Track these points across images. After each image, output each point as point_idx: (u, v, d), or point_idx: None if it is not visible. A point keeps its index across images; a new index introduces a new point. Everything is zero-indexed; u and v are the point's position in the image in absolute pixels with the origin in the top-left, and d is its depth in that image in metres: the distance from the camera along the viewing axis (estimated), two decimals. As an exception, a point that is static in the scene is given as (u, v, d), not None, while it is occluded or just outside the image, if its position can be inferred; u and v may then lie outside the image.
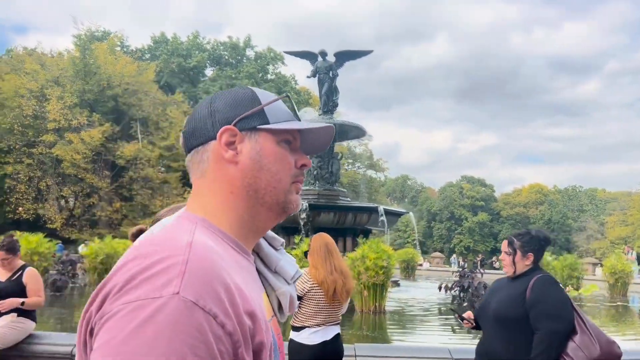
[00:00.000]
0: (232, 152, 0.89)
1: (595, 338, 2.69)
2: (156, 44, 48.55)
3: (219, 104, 0.92)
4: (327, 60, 17.43)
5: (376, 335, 7.61)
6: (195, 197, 0.91)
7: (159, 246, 0.74)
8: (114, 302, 0.68)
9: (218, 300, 0.69)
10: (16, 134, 31.77)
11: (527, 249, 3.00)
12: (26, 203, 31.11)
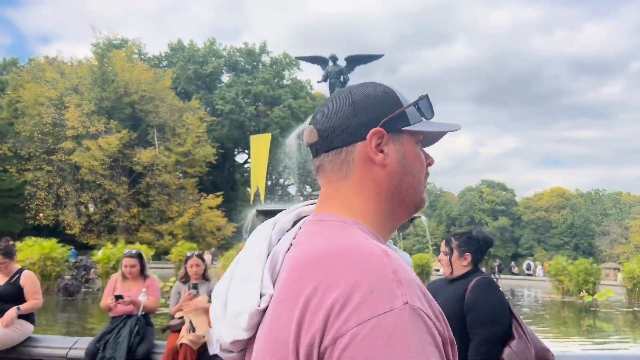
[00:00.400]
0: (382, 155, 0.87)
1: (532, 344, 2.61)
2: (173, 51, 49.15)
3: (363, 103, 0.89)
4: (338, 64, 17.35)
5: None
6: (336, 199, 0.89)
7: (359, 256, 0.73)
8: (346, 323, 0.67)
9: (427, 302, 0.72)
10: (36, 141, 32.40)
11: (465, 249, 2.89)
12: (46, 209, 31.66)
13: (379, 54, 17.80)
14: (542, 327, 9.71)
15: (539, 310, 12.48)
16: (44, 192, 31.77)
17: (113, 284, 5.10)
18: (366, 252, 0.74)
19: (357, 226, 0.84)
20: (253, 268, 0.85)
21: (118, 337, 4.62)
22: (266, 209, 16.51)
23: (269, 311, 0.78)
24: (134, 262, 5.00)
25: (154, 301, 4.98)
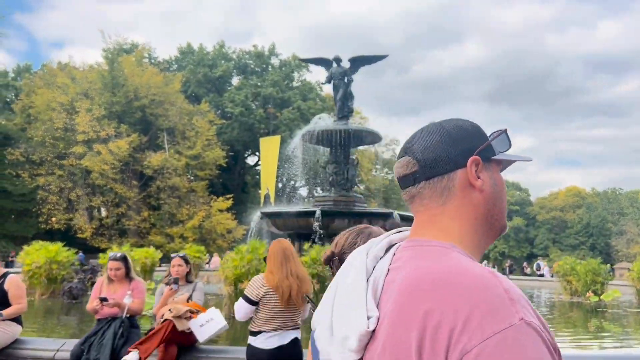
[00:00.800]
0: (481, 181, 0.95)
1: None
2: (182, 55, 49.49)
3: (459, 135, 0.98)
4: (342, 66, 17.33)
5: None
6: (432, 224, 0.96)
7: (471, 278, 0.79)
8: (471, 340, 0.72)
9: (536, 316, 0.77)
10: (47, 146, 32.83)
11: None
12: (58, 213, 32.04)
13: (383, 55, 17.72)
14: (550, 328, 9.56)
15: (545, 311, 12.30)
16: (55, 197, 32.15)
17: (99, 287, 5.12)
18: (476, 273, 0.79)
19: (456, 250, 0.90)
20: (355, 294, 0.91)
21: (102, 339, 4.66)
22: (270, 211, 16.55)
23: (381, 332, 0.84)
24: (118, 265, 5.02)
25: (139, 303, 5.01)
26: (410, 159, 0.97)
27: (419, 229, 0.97)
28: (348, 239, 1.79)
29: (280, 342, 3.62)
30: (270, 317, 3.65)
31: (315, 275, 10.65)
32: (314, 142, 17.11)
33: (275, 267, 3.70)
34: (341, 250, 1.75)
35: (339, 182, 16.67)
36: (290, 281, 3.63)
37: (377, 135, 17.31)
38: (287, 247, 3.83)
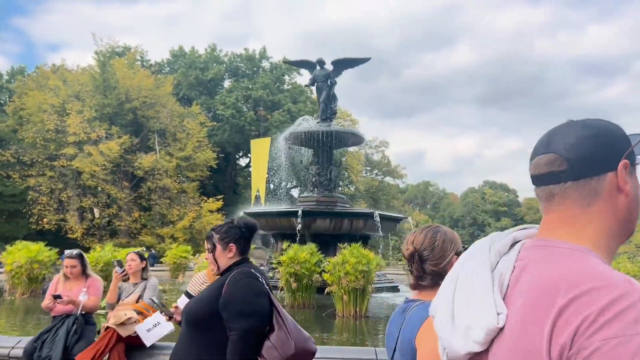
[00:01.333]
0: (629, 185, 0.94)
1: (292, 335, 2.51)
2: (175, 58, 49.77)
3: (606, 135, 0.95)
4: (325, 68, 17.74)
5: (341, 339, 7.82)
6: (571, 225, 0.95)
7: (607, 281, 0.81)
8: (591, 337, 0.76)
9: None
10: (38, 147, 33.02)
11: (227, 240, 2.69)
12: (48, 214, 32.24)
13: (366, 58, 18.13)
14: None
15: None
16: (46, 198, 32.37)
17: (55, 284, 5.16)
18: (613, 278, 0.81)
19: (592, 254, 0.90)
20: (480, 288, 0.94)
21: (55, 336, 4.68)
22: (253, 211, 16.93)
23: (510, 329, 0.87)
24: (74, 262, 5.06)
25: (95, 300, 5.04)
26: (557, 156, 0.95)
27: (550, 229, 0.96)
28: (427, 236, 1.82)
29: None
30: None
31: (292, 274, 11.04)
32: (297, 143, 17.52)
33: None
34: (421, 247, 1.79)
35: (322, 183, 17.07)
36: None
37: (359, 137, 17.74)
38: None
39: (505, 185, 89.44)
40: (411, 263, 1.83)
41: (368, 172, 60.14)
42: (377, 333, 8.48)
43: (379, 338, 7.68)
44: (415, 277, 1.83)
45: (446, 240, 1.82)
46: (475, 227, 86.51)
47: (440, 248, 1.80)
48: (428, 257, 1.79)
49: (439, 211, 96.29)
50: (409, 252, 1.84)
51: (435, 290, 1.77)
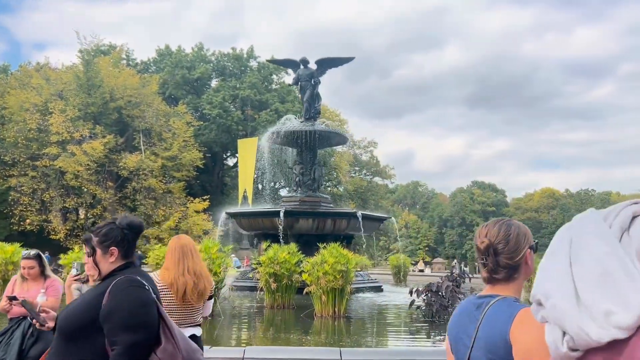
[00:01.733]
0: None
1: (180, 347, 2.32)
2: (161, 57, 49.36)
3: None
4: (309, 67, 17.63)
5: (318, 339, 7.69)
6: None
7: None
8: None
9: None
10: (20, 147, 32.51)
11: (108, 244, 2.42)
12: (30, 215, 31.74)
13: (350, 57, 18.03)
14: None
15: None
16: (27, 198, 31.85)
17: (12, 285, 5.05)
18: None
19: None
20: (618, 268, 0.88)
21: (10, 339, 4.57)
22: (235, 211, 16.77)
23: None
24: (32, 263, 4.95)
25: (53, 302, 4.86)
26: None
27: None
28: (501, 229, 1.80)
29: None
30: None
31: (272, 274, 10.89)
32: (280, 143, 17.38)
33: (171, 264, 3.61)
34: (495, 240, 1.78)
35: (306, 183, 16.96)
36: (186, 278, 3.54)
37: (343, 137, 17.66)
38: (186, 244, 3.72)
39: (494, 186, 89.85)
40: (486, 256, 1.81)
41: (357, 172, 60.12)
42: (355, 333, 8.37)
43: (353, 338, 7.56)
44: (489, 271, 1.80)
45: (520, 234, 1.81)
46: (464, 227, 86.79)
47: (515, 241, 1.79)
48: (503, 250, 1.78)
49: (428, 211, 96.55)
50: (484, 245, 1.81)
51: (509, 284, 1.78)
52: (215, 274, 9.59)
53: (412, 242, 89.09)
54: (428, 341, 7.95)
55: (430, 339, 8.15)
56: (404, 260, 21.63)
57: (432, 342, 7.88)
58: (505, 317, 1.64)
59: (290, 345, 6.65)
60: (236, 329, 8.60)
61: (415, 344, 7.59)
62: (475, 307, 1.79)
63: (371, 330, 8.87)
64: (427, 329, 8.81)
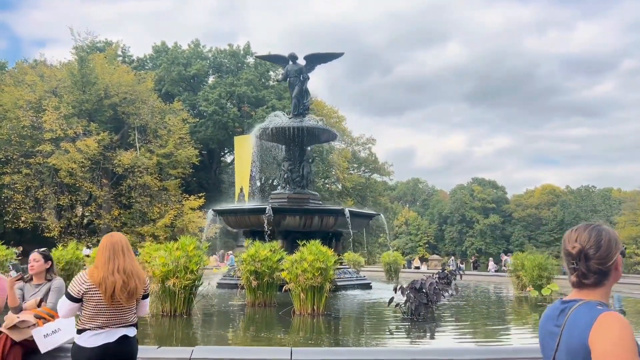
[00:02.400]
0: None
1: None
2: (157, 53, 49.18)
3: None
4: (298, 63, 17.39)
5: (295, 338, 7.53)
6: None
7: None
8: None
9: None
10: (14, 144, 32.37)
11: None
12: (24, 212, 31.63)
13: (339, 53, 17.79)
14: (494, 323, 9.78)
15: (490, 306, 12.56)
16: (21, 195, 31.73)
17: None
18: None
19: None
20: None
21: None
22: (222, 208, 16.61)
23: None
24: None
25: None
26: None
27: None
28: (592, 235, 1.83)
29: (107, 340, 3.45)
30: (95, 314, 3.46)
31: (253, 271, 10.73)
32: (268, 139, 17.19)
33: (101, 263, 3.52)
34: (587, 245, 1.81)
35: (294, 180, 16.76)
36: (115, 277, 3.45)
37: (332, 133, 17.42)
38: (118, 242, 3.63)
39: (494, 182, 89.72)
40: (577, 261, 1.84)
41: (355, 169, 59.90)
42: (328, 331, 8.20)
43: (325, 336, 7.39)
44: (579, 276, 1.84)
45: (611, 240, 1.84)
46: (464, 224, 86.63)
47: (607, 247, 1.82)
48: (594, 255, 1.81)
49: (428, 208, 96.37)
50: (576, 250, 1.84)
51: (597, 289, 1.81)
52: (192, 272, 9.46)
53: (412, 239, 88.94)
54: (403, 339, 7.80)
55: (408, 337, 7.99)
56: (395, 257, 21.49)
57: (410, 341, 7.72)
58: (585, 322, 1.68)
59: (256, 343, 6.50)
60: (205, 328, 8.45)
61: (386, 342, 7.43)
62: (559, 312, 1.84)
63: (347, 329, 8.70)
64: (406, 326, 8.66)
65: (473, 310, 11.34)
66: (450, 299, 12.26)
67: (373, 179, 59.74)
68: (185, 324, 8.57)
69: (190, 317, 9.21)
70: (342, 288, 14.71)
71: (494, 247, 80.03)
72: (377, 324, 9.52)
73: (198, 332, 8.06)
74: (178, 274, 9.27)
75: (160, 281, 9.27)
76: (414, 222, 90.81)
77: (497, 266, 34.78)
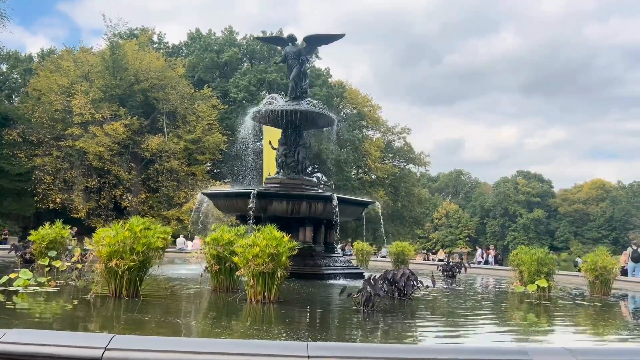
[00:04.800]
0: None
1: None
2: (192, 40, 49.74)
3: None
4: (296, 45, 16.90)
5: (223, 325, 7.17)
6: None
7: None
8: None
9: None
10: (46, 127, 33.56)
11: None
12: (53, 193, 32.81)
13: (340, 34, 17.14)
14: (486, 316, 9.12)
15: (467, 301, 11.83)
16: (51, 177, 32.91)
17: None
18: None
19: None
20: None
21: None
22: (211, 192, 16.45)
23: None
24: None
25: None
26: None
27: None
28: None
29: None
30: None
31: (215, 256, 10.44)
32: (265, 122, 16.85)
33: None
34: None
35: (288, 164, 16.34)
36: None
37: (329, 118, 16.82)
38: None
39: (540, 176, 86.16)
40: None
41: (389, 159, 58.85)
42: (267, 320, 7.78)
43: (255, 325, 6.98)
44: None
45: None
46: (507, 218, 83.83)
47: None
48: None
49: (471, 201, 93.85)
50: None
51: None
52: (138, 253, 9.24)
53: (452, 232, 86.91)
54: (325, 331, 7.25)
55: (334, 330, 7.43)
56: (402, 247, 20.78)
57: (327, 333, 7.16)
58: None
59: (164, 331, 6.17)
60: (135, 311, 8.18)
61: (315, 333, 6.92)
62: None
63: (288, 317, 8.26)
64: (349, 318, 8.12)
65: (446, 303, 10.64)
66: (429, 291, 11.60)
67: (407, 169, 58.49)
68: (117, 305, 8.36)
69: (134, 299, 9.00)
70: (331, 277, 14.27)
71: (538, 243, 76.93)
72: (323, 313, 9.02)
73: (122, 315, 7.82)
74: (123, 255, 9.09)
75: (105, 262, 9.11)
76: (454, 214, 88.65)
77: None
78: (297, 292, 11.20)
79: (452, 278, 17.07)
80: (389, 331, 7.47)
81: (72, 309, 7.92)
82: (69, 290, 9.62)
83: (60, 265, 10.99)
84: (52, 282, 9.94)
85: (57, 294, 9.16)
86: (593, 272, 13.92)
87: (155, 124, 39.27)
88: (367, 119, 54.96)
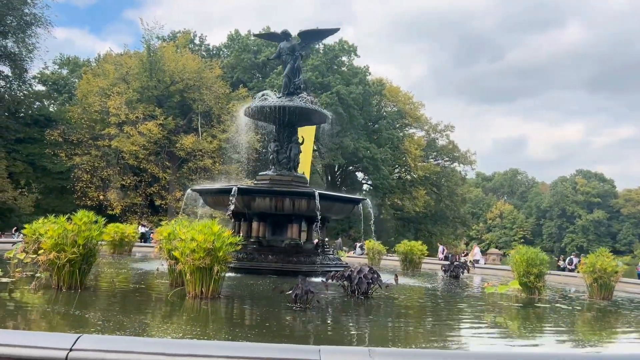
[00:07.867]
0: None
1: None
2: (231, 41, 50.71)
3: None
4: (291, 40, 16.74)
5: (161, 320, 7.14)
6: None
7: None
8: None
9: None
10: (85, 128, 35.26)
11: None
12: (90, 191, 34.43)
13: (335, 28, 16.90)
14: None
15: (427, 301, 11.28)
16: (88, 175, 34.53)
17: None
18: None
19: None
20: None
21: None
22: (199, 187, 16.55)
23: None
24: None
25: None
26: None
27: None
28: None
29: None
30: None
31: (169, 250, 10.47)
32: (257, 118, 16.79)
33: None
34: None
35: (280, 161, 16.21)
36: None
37: (322, 115, 16.51)
38: None
39: (601, 175, 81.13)
40: None
41: (433, 157, 57.38)
42: (202, 316, 7.70)
43: (183, 320, 6.90)
44: None
45: None
46: (564, 219, 79.62)
47: None
48: None
49: (526, 201, 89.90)
50: None
51: None
52: (79, 247, 9.41)
53: (506, 233, 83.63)
54: (247, 328, 7.04)
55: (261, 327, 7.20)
56: (412, 247, 20.09)
57: (262, 331, 6.94)
58: None
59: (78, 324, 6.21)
60: (69, 305, 8.30)
61: (231, 329, 6.75)
62: None
63: (213, 313, 8.13)
64: (274, 315, 7.87)
65: (397, 303, 10.12)
66: (393, 290, 11.14)
67: (450, 167, 56.76)
68: (50, 297, 8.52)
69: (71, 291, 9.16)
70: (311, 274, 13.99)
71: (597, 245, 72.38)
72: (251, 310, 8.80)
73: (46, 307, 7.95)
74: (65, 248, 9.28)
75: (48, 254, 9.35)
76: (509, 215, 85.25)
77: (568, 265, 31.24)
78: (246, 288, 11.05)
79: (456, 278, 16.32)
80: (286, 327, 7.15)
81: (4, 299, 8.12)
82: (25, 282, 9.96)
83: (24, 257, 11.45)
84: (17, 273, 10.40)
85: (7, 285, 9.50)
86: (592, 275, 12.95)
87: (191, 124, 40.32)
88: (407, 117, 53.86)
